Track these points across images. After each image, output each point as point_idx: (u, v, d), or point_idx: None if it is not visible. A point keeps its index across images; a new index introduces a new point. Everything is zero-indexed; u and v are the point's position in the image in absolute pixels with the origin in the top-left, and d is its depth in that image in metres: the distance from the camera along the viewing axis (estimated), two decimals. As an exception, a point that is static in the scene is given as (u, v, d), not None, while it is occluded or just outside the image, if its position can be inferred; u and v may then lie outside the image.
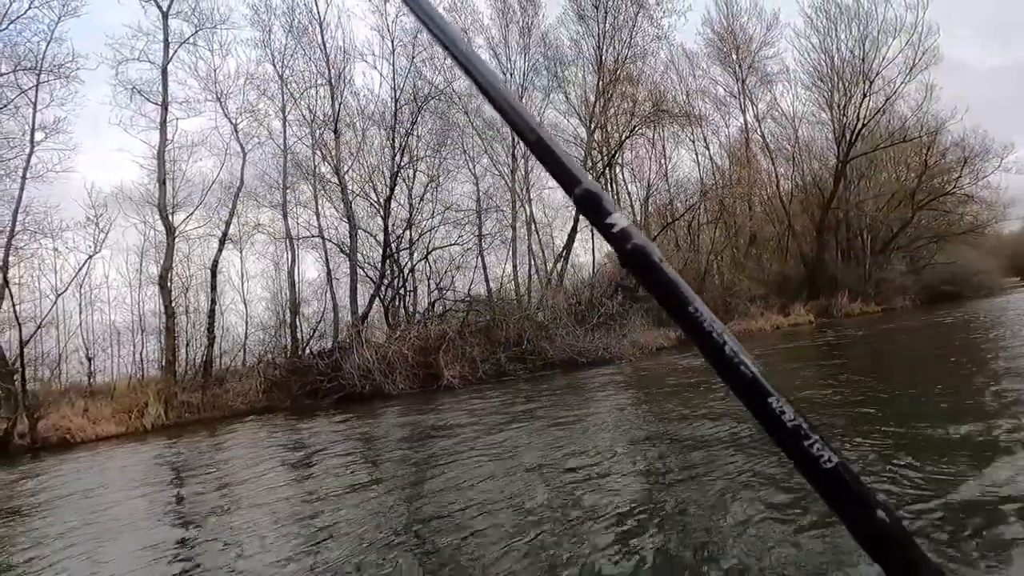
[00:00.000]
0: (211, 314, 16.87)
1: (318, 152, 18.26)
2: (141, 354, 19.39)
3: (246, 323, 21.99)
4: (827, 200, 27.92)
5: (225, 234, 16.94)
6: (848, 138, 27.32)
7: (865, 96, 27.11)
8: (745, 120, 31.03)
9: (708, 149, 30.55)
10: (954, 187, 28.98)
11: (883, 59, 26.81)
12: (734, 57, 30.35)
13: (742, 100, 30.74)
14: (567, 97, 25.33)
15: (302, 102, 18.26)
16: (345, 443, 8.13)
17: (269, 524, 4.14)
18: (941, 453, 3.80)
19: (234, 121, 17.55)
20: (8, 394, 13.68)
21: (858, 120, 27.21)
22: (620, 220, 0.39)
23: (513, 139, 22.18)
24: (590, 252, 24.38)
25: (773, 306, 25.86)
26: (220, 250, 16.94)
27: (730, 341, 0.37)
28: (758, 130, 31.19)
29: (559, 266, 21.05)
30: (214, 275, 16.87)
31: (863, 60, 27.06)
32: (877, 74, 26.87)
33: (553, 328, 16.14)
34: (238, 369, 19.30)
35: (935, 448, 3.92)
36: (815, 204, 28.97)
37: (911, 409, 5.55)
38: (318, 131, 18.20)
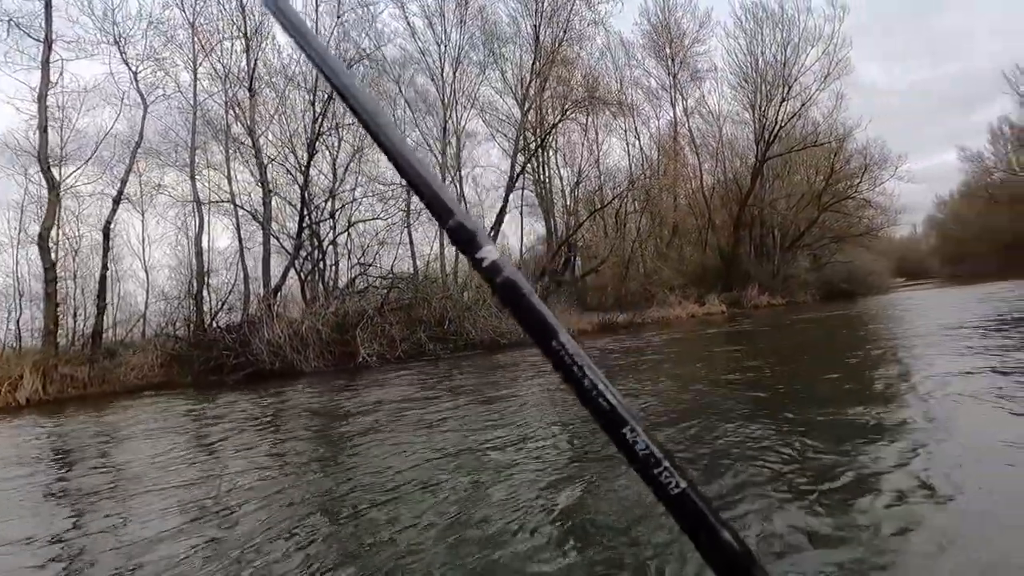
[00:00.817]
0: (102, 280, 15.37)
1: (231, 111, 16.92)
2: (19, 321, 17.41)
3: (147, 292, 20.36)
4: (744, 197, 29.44)
5: (120, 193, 15.38)
6: (766, 139, 28.85)
7: (784, 100, 28.70)
8: (675, 114, 32.02)
9: (639, 139, 31.31)
10: (855, 192, 31.42)
11: (802, 66, 28.46)
12: (667, 51, 31.12)
13: (673, 94, 31.66)
14: (503, 76, 25.01)
15: (214, 55, 16.80)
16: (250, 422, 7.59)
17: (161, 509, 3.72)
18: (826, 431, 4.03)
19: (134, 68, 15.87)
20: None
21: (776, 122, 28.78)
22: (491, 253, 0.41)
23: (445, 115, 21.68)
24: (519, 235, 24.44)
25: (690, 296, 27.08)
26: (114, 210, 15.38)
27: (590, 373, 0.40)
28: (686, 125, 32.31)
29: (486, 247, 20.84)
30: (107, 237, 15.32)
31: (784, 65, 28.58)
32: (795, 80, 28.51)
33: (476, 309, 15.99)
34: (135, 341, 17.84)
35: (821, 426, 4.16)
36: (734, 200, 30.49)
37: (804, 391, 5.90)
38: (232, 88, 16.85)
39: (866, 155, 30.94)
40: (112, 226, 15.88)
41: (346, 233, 18.11)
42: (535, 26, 23.53)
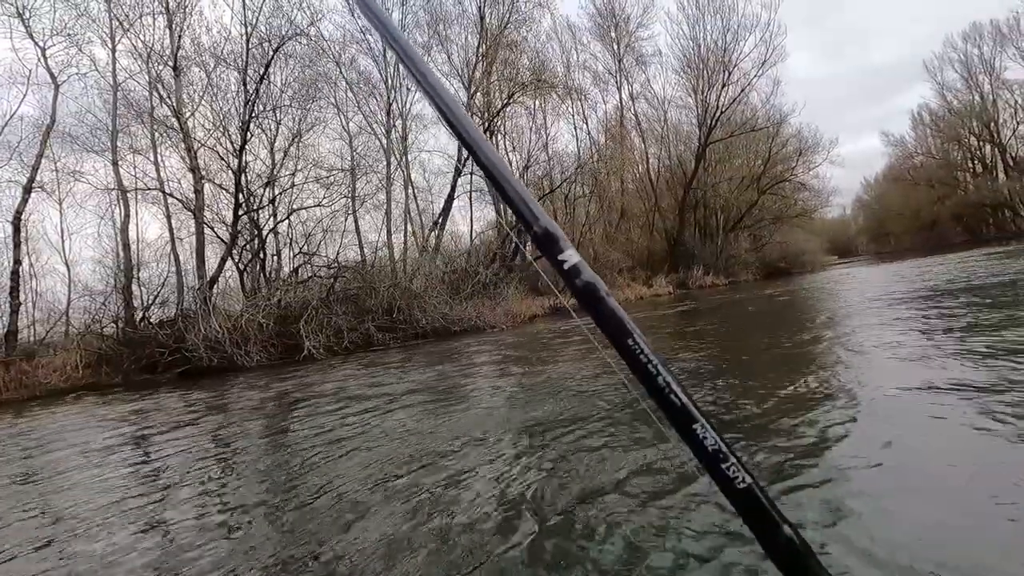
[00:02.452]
0: (14, 275, 14.16)
1: (155, 91, 15.78)
2: (-81, 323, 15.87)
3: (68, 288, 18.99)
4: (689, 180, 30.19)
5: (31, 180, 14.16)
6: (709, 123, 29.60)
7: (724, 85, 29.47)
8: (621, 98, 32.35)
9: (587, 123, 31.49)
10: (791, 175, 32.79)
11: (741, 52, 29.23)
12: (612, 35, 31.32)
13: (619, 78, 31.94)
14: (449, 58, 24.47)
15: (133, 31, 15.59)
16: (183, 421, 7.13)
17: (90, 518, 3.43)
18: (761, 394, 4.16)
19: (42, 44, 14.54)
20: None
21: (717, 107, 29.55)
22: (572, 257, 0.44)
23: (389, 96, 21.03)
24: (468, 221, 24.18)
25: (639, 278, 27.66)
26: (25, 200, 14.15)
27: (663, 372, 0.41)
28: (632, 109, 32.72)
29: (435, 233, 20.54)
30: (17, 230, 14.11)
31: (725, 51, 29.30)
32: (735, 66, 29.30)
33: (426, 297, 15.73)
34: (57, 341, 16.65)
35: (762, 395, 4.27)
36: (679, 184, 31.23)
37: (744, 361, 6.07)
38: (155, 67, 15.70)
39: (800, 139, 32.34)
40: (24, 217, 14.64)
41: (287, 221, 17.37)
42: (480, 7, 23.10)
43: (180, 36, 15.55)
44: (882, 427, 3.27)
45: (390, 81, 21.20)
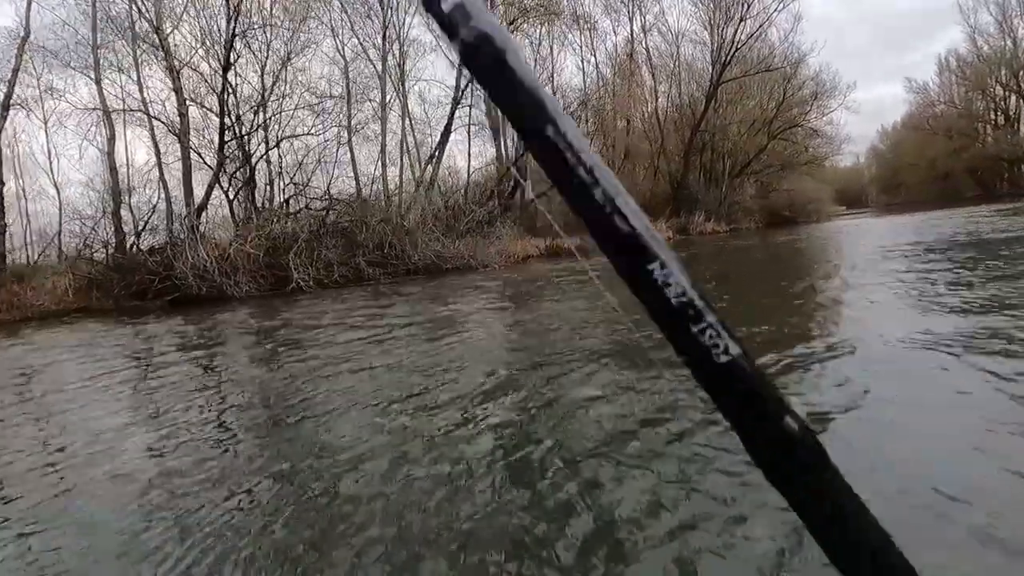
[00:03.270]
0: (-2, 196, 13.91)
1: (134, 4, 14.85)
2: (-92, 242, 15.76)
3: (59, 211, 18.73)
4: (698, 121, 29.10)
5: (9, 96, 13.60)
6: (723, 60, 28.16)
7: (743, 19, 27.81)
8: (632, 29, 30.65)
9: (595, 56, 30.02)
10: (804, 120, 31.57)
11: (763, -18, 27.37)
12: (628, -42, 29.27)
13: (631, 7, 30.12)
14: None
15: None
16: (177, 350, 7.13)
17: (89, 434, 3.50)
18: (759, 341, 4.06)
19: (10, -54, 13.54)
20: None
21: (734, 43, 28.01)
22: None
23: (386, 18, 19.88)
24: (466, 156, 23.53)
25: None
26: (4, 116, 13.64)
27: (604, 183, 0.29)
28: (644, 42, 31.07)
29: (431, 168, 19.99)
30: (-2, 148, 13.72)
31: (746, -20, 27.43)
32: (755, -2, 27.50)
33: (418, 233, 15.49)
34: (49, 265, 16.58)
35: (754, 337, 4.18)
36: (687, 125, 30.12)
37: (741, 308, 5.99)
38: (134, -23, 14.70)
39: (818, 83, 30.87)
40: (7, 135, 14.20)
41: (277, 149, 16.82)
42: (485, -79, 21.38)
43: (159, -59, 14.47)
44: (859, 366, 3.49)
45: (387, 0, 19.97)
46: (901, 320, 4.66)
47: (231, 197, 15.73)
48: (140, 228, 16.00)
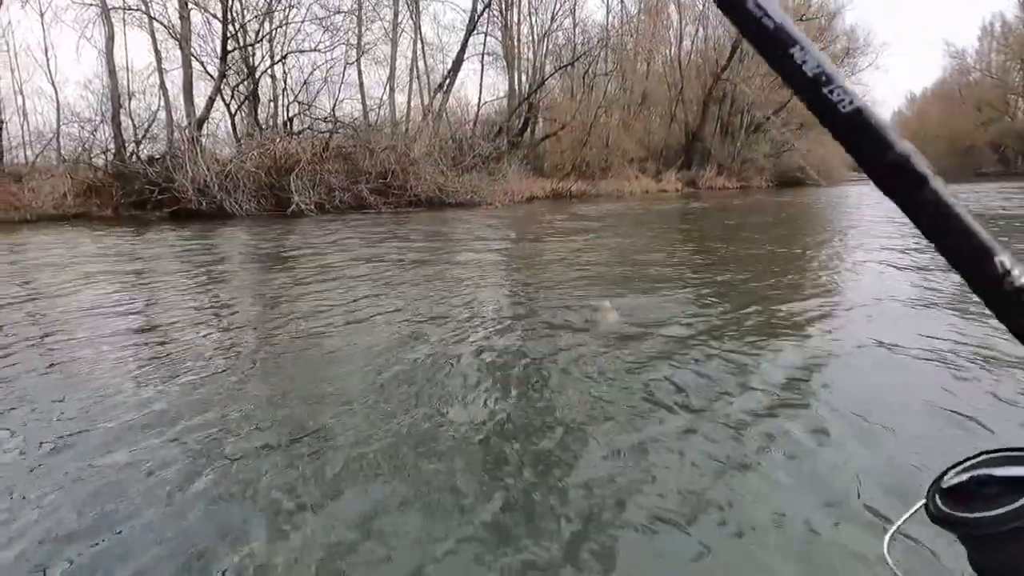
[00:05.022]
0: (-7, 91, 13.49)
1: None
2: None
3: (57, 111, 18.24)
4: (720, 69, 27.96)
5: (2, -16, 12.93)
6: (755, 5, 26.67)
7: (782, -39, 26.10)
8: (664, -39, 28.81)
9: (621, -11, 28.35)
10: (831, 77, 30.27)
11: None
12: None
13: (666, -64, 28.22)
14: None
15: None
16: (180, 262, 7.17)
17: (96, 353, 3.43)
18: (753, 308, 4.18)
19: None
20: None
21: (769, -13, 26.43)
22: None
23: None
24: (478, 88, 22.68)
25: (648, 171, 26.71)
26: (-2, 5, 13.03)
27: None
28: (674, -23, 29.31)
29: (440, 97, 19.35)
30: (-9, 39, 13.17)
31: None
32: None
33: (423, 164, 15.21)
34: (48, 167, 16.34)
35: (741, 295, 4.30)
36: (709, 73, 28.94)
37: (737, 265, 6.01)
38: None
39: (851, 38, 29.42)
40: (-1, 26, 13.60)
41: (282, 64, 16.19)
42: None
43: None
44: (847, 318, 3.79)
45: (405, -91, 18.64)
46: (884, 277, 5.07)
47: (233, 111, 15.31)
48: (140, 136, 15.67)
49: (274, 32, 15.67)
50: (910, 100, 67.19)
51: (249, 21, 15.07)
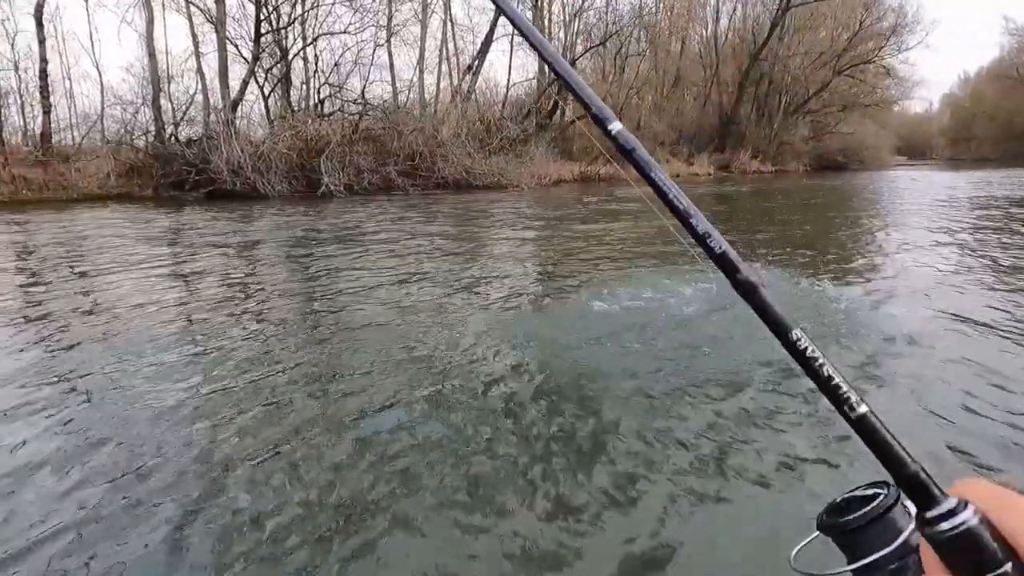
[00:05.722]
0: (42, 75, 14.07)
1: None
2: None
3: (101, 94, 18.87)
4: (758, 49, 27.02)
5: (49, -30, 13.39)
6: (798, -20, 25.64)
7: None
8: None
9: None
10: (877, 56, 28.98)
11: None
12: None
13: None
14: None
15: None
16: (218, 242, 7.47)
17: (145, 329, 3.60)
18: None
19: None
20: None
21: (813, -39, 25.34)
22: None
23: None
24: (506, 69, 22.48)
25: (680, 154, 26.16)
26: (45, -9, 13.53)
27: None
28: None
29: (468, 79, 19.28)
30: (40, 25, 13.69)
31: None
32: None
33: (450, 146, 15.25)
34: (94, 148, 16.97)
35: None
36: (746, 52, 28.01)
37: (767, 251, 5.91)
38: None
39: (899, 14, 27.98)
40: (48, 12, 14.12)
41: (313, 47, 16.38)
42: None
43: None
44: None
45: None
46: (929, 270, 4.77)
47: (266, 94, 15.61)
48: (179, 118, 16.15)
49: (306, 14, 15.84)
50: (963, 80, 63.65)
51: (281, 3, 15.27)
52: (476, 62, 18.90)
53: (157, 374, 2.75)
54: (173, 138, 15.14)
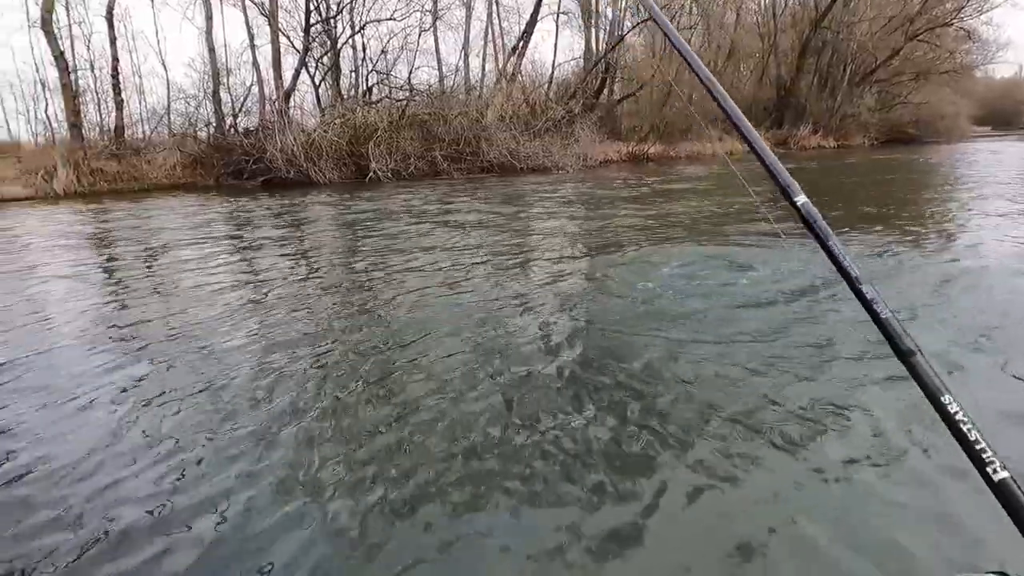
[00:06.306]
0: (114, 72, 14.99)
1: None
2: (47, 112, 17.52)
3: (167, 89, 19.93)
4: (820, 16, 25.43)
5: (117, -28, 14.19)
6: (865, -61, 23.86)
7: None
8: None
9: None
10: (956, 17, 26.67)
11: None
12: None
13: None
14: None
15: None
16: (276, 228, 7.96)
17: (201, 292, 4.18)
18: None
19: None
20: None
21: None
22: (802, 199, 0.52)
23: None
24: (552, 49, 22.15)
25: (732, 132, 25.06)
26: (114, -8, 14.36)
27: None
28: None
29: (512, 60, 19.14)
30: (111, 25, 14.57)
31: None
32: None
33: (495, 129, 15.26)
34: (162, 140, 18.00)
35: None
36: (807, 20, 26.42)
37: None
38: None
39: (984, -32, 25.56)
40: (118, 12, 15.00)
41: (361, 35, 16.69)
42: None
43: None
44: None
45: None
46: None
47: (317, 83, 16.07)
48: (237, 110, 16.89)
49: (354, 2, 16.14)
50: (1059, 39, 57.60)
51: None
52: (521, 43, 18.73)
53: (234, 339, 3.01)
54: (232, 129, 15.87)
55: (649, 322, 3.11)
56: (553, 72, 20.96)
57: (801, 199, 0.44)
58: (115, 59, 14.95)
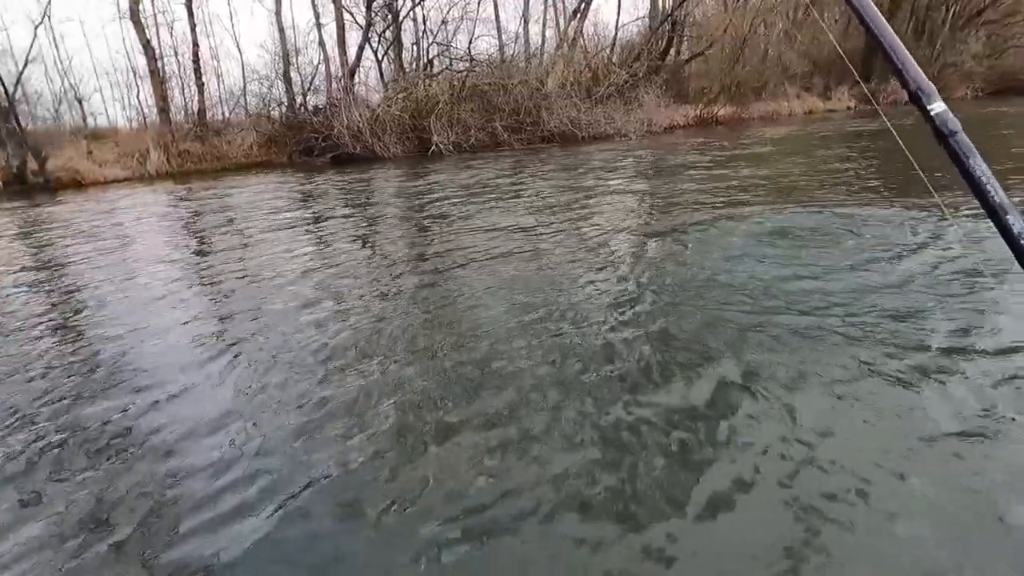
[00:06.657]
0: (195, 57, 15.86)
1: None
2: (138, 97, 18.87)
3: (242, 71, 20.86)
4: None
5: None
6: None
7: None
8: None
9: None
10: (1089, -58, 23.14)
11: None
12: None
13: None
14: None
15: None
16: (344, 200, 8.47)
17: (277, 263, 4.58)
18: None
19: None
20: (10, 133, 13.83)
21: None
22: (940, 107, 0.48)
23: None
24: (616, 8, 21.25)
25: (814, 88, 23.36)
26: (192, -21, 15.09)
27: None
28: None
29: (573, 24, 18.54)
30: (190, 12, 15.37)
31: None
32: None
33: (555, 97, 14.97)
34: (239, 121, 18.98)
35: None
36: (904, -42, 23.79)
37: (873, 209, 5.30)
38: None
39: None
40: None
41: (421, 7, 16.69)
42: None
43: None
44: None
45: None
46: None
47: (379, 58, 16.32)
48: (306, 88, 17.48)
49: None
50: None
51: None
52: (582, 4, 18.09)
53: (310, 313, 3.30)
54: (302, 108, 16.48)
55: (739, 296, 3.05)
56: (616, 34, 20.16)
57: (937, 106, 0.36)
58: (195, 44, 15.81)
